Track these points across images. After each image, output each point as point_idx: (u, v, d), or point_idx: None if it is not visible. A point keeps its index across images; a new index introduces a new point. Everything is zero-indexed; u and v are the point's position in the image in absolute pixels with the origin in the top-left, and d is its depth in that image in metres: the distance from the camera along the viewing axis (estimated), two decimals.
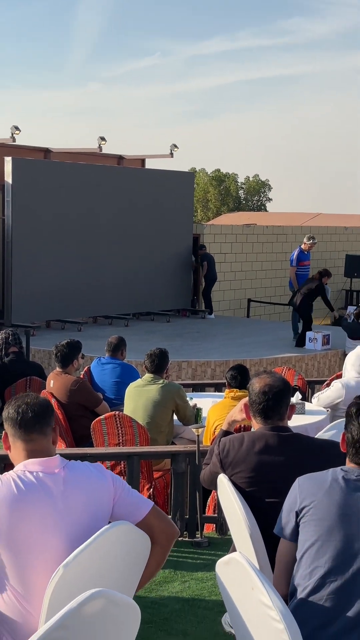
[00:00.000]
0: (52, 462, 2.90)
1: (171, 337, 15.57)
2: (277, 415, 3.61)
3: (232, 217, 39.46)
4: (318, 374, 14.08)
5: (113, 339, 8.03)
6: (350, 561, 2.78)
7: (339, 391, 7.31)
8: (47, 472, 2.86)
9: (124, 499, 2.97)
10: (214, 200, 66.50)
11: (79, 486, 2.88)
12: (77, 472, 2.93)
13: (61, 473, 2.88)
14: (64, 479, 2.87)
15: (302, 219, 32.71)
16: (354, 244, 25.38)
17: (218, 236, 20.68)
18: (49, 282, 16.07)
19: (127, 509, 2.97)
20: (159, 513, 3.04)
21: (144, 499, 3.05)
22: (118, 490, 2.97)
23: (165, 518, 3.05)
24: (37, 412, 2.95)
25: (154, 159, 21.21)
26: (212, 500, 6.22)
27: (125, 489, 3.00)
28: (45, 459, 2.90)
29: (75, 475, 2.91)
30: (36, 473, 2.85)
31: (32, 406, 2.97)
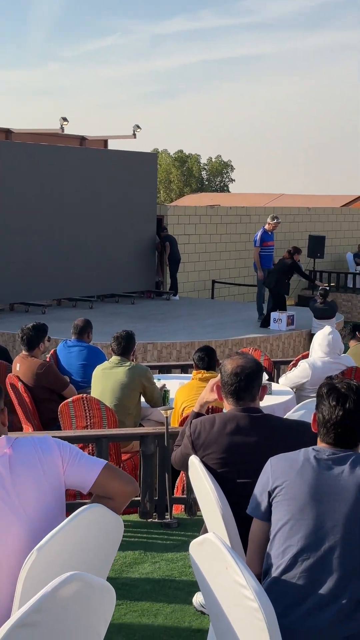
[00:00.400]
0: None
1: (136, 319, 15.56)
2: (249, 396, 3.62)
3: (195, 198, 39.42)
4: (283, 354, 14.18)
5: (79, 322, 8.00)
6: (322, 539, 2.80)
7: (306, 371, 7.38)
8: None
9: (73, 467, 2.92)
10: (177, 181, 66.32)
11: (27, 463, 2.82)
12: (23, 450, 2.85)
13: (7, 453, 2.81)
14: (10, 459, 2.80)
15: (265, 200, 32.81)
16: (316, 224, 25.52)
17: (182, 217, 20.66)
18: (12, 265, 15.95)
19: (78, 477, 2.92)
20: (113, 473, 2.96)
21: (94, 462, 2.97)
22: (66, 458, 2.91)
23: (121, 477, 2.97)
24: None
25: (116, 139, 21.12)
26: (181, 482, 6.24)
27: (73, 456, 2.94)
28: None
29: (21, 453, 2.84)
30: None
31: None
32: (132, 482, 3.00)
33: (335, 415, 2.90)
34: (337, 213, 27.13)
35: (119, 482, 2.94)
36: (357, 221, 27.79)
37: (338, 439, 2.92)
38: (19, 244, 16.07)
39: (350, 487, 2.83)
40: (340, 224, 26.90)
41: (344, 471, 2.86)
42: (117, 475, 2.96)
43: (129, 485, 2.97)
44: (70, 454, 2.93)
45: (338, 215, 27.01)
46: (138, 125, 19.86)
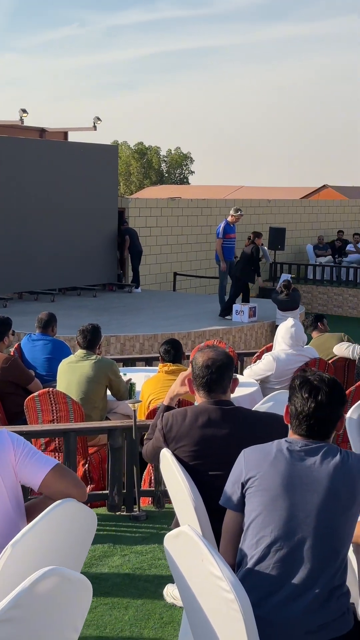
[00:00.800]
0: None
1: (98, 311, 15.52)
2: (220, 388, 3.65)
3: (155, 191, 39.38)
4: (245, 346, 14.25)
5: (43, 315, 7.96)
6: (295, 530, 2.84)
7: (270, 364, 7.43)
8: None
9: (24, 463, 2.92)
10: (137, 173, 66.17)
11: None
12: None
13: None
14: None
15: (225, 192, 32.88)
16: (277, 216, 25.65)
17: (143, 210, 20.64)
18: None
19: (28, 474, 2.92)
20: (61, 475, 2.94)
21: (45, 461, 2.95)
22: (18, 452, 2.92)
23: (69, 480, 2.95)
24: None
25: (77, 131, 20.99)
26: (148, 474, 6.26)
27: (26, 452, 2.93)
28: None
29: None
30: None
31: None
32: (79, 487, 2.98)
33: (307, 407, 2.93)
34: (297, 205, 27.29)
35: (65, 485, 2.94)
36: (317, 213, 27.99)
37: (310, 431, 2.95)
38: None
39: (323, 478, 2.87)
40: (300, 215, 27.07)
41: (316, 462, 2.90)
42: (65, 478, 2.95)
43: (74, 488, 2.96)
44: (23, 450, 2.93)
45: (298, 207, 27.17)
46: (98, 117, 19.77)
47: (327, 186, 35.09)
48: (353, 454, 2.96)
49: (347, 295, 22.53)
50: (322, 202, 29.00)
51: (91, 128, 19.93)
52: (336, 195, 33.09)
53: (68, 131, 21.44)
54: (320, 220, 28.08)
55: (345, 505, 2.86)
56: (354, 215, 29.73)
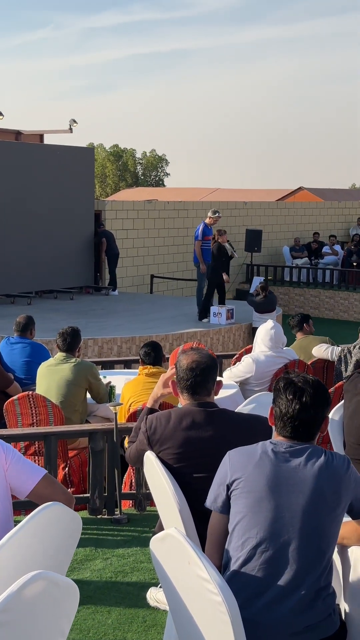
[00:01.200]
0: None
1: (75, 314, 15.47)
2: (204, 391, 3.65)
3: (131, 193, 39.37)
4: (223, 348, 14.27)
5: (21, 319, 7.92)
6: (281, 531, 2.84)
7: (250, 366, 7.44)
8: None
9: (14, 470, 2.93)
10: (112, 175, 66.14)
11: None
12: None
13: None
14: None
15: (201, 194, 32.95)
16: (253, 218, 25.71)
17: (119, 212, 20.61)
18: None
19: (17, 481, 2.94)
20: (51, 485, 2.99)
21: (34, 470, 3.00)
22: (8, 458, 2.93)
23: (57, 490, 3.01)
24: None
25: (53, 134, 20.94)
26: (129, 477, 6.25)
27: (15, 459, 2.95)
28: None
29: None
30: None
31: None
32: (67, 496, 3.03)
33: (292, 409, 2.94)
34: (273, 207, 27.38)
35: (54, 495, 2.97)
36: (293, 215, 28.10)
37: (295, 432, 2.96)
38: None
39: (308, 479, 2.88)
40: (277, 217, 27.16)
41: (301, 463, 2.91)
42: (54, 489, 3.00)
43: (63, 496, 2.99)
44: (13, 456, 2.95)
45: (274, 209, 27.26)
46: (74, 119, 19.72)
47: (303, 188, 35.28)
48: (337, 455, 2.97)
49: (323, 297, 22.64)
50: (298, 204, 29.12)
51: (67, 130, 19.88)
52: (312, 197, 33.27)
53: (44, 134, 21.38)
54: (297, 222, 28.19)
55: (331, 506, 2.87)
56: (330, 217, 29.89)
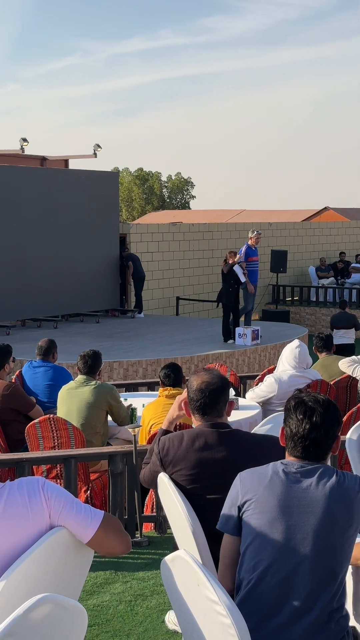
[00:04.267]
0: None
1: (101, 337, 15.52)
2: (214, 411, 3.63)
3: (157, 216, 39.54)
4: (249, 369, 14.23)
5: (43, 342, 7.96)
6: (292, 553, 2.82)
7: (272, 386, 7.41)
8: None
9: (66, 518, 2.77)
10: (138, 199, 66.51)
11: (6, 517, 2.69)
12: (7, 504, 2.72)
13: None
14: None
15: (226, 216, 33.02)
16: (278, 239, 25.70)
17: (145, 235, 20.70)
18: None
19: (73, 529, 2.78)
20: (106, 534, 2.80)
21: (90, 519, 2.80)
22: (52, 505, 2.76)
23: (114, 538, 2.83)
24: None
25: (77, 159, 21.12)
26: (150, 499, 6.23)
27: (63, 505, 2.77)
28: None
29: (3, 508, 2.71)
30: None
31: None
32: (124, 544, 2.87)
33: (302, 428, 2.92)
34: (299, 227, 27.36)
35: (111, 543, 2.83)
36: (319, 235, 28.05)
37: (306, 453, 2.94)
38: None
39: (319, 499, 2.85)
40: (302, 238, 27.13)
41: (312, 484, 2.88)
42: (111, 536, 2.83)
43: (120, 546, 2.86)
44: (59, 503, 2.78)
45: (299, 229, 27.24)
46: (98, 144, 19.89)
47: (329, 208, 35.23)
48: (349, 475, 2.94)
49: None
50: (323, 224, 29.07)
51: (92, 155, 20.06)
52: (338, 217, 33.21)
53: (69, 159, 21.58)
54: (322, 242, 28.14)
55: (343, 526, 2.84)
56: (356, 237, 29.79)
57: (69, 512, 2.78)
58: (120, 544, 2.86)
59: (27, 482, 2.81)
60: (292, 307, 23.50)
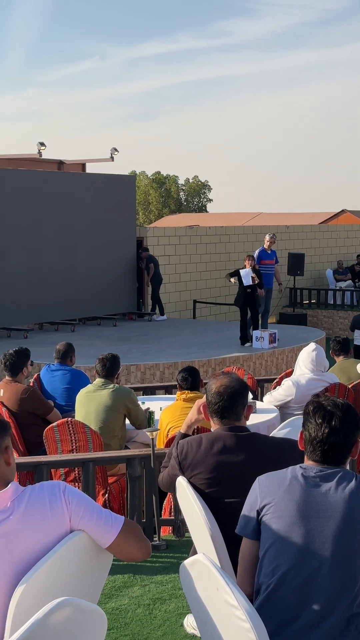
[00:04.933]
0: (0, 497, 2.70)
1: (118, 341, 15.54)
2: (233, 415, 3.63)
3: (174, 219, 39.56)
4: (266, 372, 14.20)
5: (61, 346, 7.99)
6: (312, 557, 2.81)
7: (290, 389, 7.39)
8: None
9: (87, 523, 2.78)
10: (155, 202, 66.59)
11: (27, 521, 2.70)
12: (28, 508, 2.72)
13: (9, 509, 2.69)
14: (10, 516, 2.68)
15: (243, 219, 32.97)
16: (295, 242, 25.65)
17: (161, 238, 20.72)
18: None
19: (93, 534, 2.79)
20: (126, 539, 2.81)
21: (111, 524, 2.81)
22: (73, 509, 2.77)
23: (134, 544, 2.84)
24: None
25: (94, 163, 21.18)
26: (168, 503, 6.23)
27: (84, 510, 2.78)
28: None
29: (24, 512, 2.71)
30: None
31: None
32: (144, 550, 2.88)
33: (321, 432, 2.91)
34: (316, 230, 27.30)
35: (131, 549, 2.84)
36: (336, 238, 27.98)
37: (325, 457, 2.93)
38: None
39: (338, 503, 2.84)
40: (319, 241, 27.06)
41: (332, 488, 2.87)
42: (131, 542, 2.84)
43: (140, 552, 2.87)
44: (79, 508, 2.78)
45: (317, 232, 27.17)
46: (115, 148, 19.94)
47: (346, 211, 35.09)
48: None
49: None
50: (340, 227, 28.99)
51: (109, 159, 20.10)
52: (355, 220, 33.07)
53: (86, 163, 21.64)
54: (340, 245, 28.06)
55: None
56: None
57: (89, 517, 2.79)
58: (140, 549, 2.86)
59: (48, 487, 2.81)
60: (309, 310, 23.46)
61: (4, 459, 2.78)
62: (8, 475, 2.78)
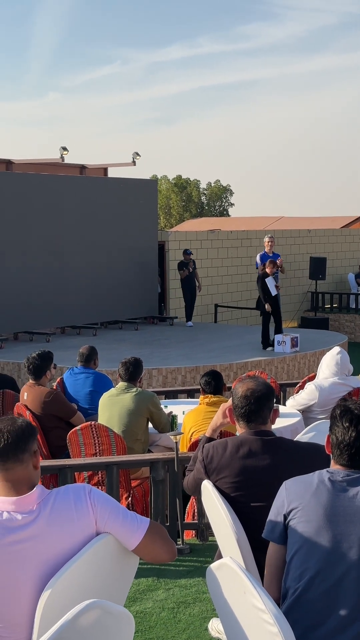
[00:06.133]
0: (26, 500, 2.71)
1: (140, 344, 15.57)
2: (259, 419, 3.63)
3: (195, 223, 39.57)
4: (288, 376, 14.16)
5: (84, 349, 8.01)
6: (339, 561, 2.80)
7: (313, 393, 7.36)
8: (19, 511, 2.69)
9: (113, 524, 2.78)
10: (177, 206, 66.62)
11: (53, 524, 2.70)
12: (56, 504, 2.74)
13: (35, 512, 2.69)
14: (37, 519, 2.69)
15: (264, 223, 32.90)
16: (317, 246, 25.59)
17: (183, 243, 20.74)
18: (14, 294, 16.00)
19: (120, 536, 2.80)
20: (152, 542, 2.82)
21: (137, 526, 2.82)
22: (98, 512, 2.77)
23: (160, 546, 2.84)
24: (12, 439, 2.74)
25: (116, 167, 21.23)
26: (191, 507, 6.22)
27: (109, 512, 2.79)
28: (18, 498, 2.71)
29: (55, 507, 2.73)
30: (6, 513, 2.67)
31: (7, 433, 2.75)
32: (170, 552, 2.88)
33: (348, 436, 2.90)
34: (338, 234, 27.22)
35: (158, 550, 2.85)
36: (358, 242, 27.87)
37: (352, 461, 2.92)
38: (22, 273, 16.15)
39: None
40: (341, 245, 26.98)
41: (359, 493, 2.86)
42: (157, 544, 2.84)
43: (166, 554, 2.88)
44: (105, 510, 2.79)
45: (338, 236, 27.09)
46: (137, 152, 19.97)
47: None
48: None
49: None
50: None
51: (130, 163, 20.14)
52: None
53: (108, 167, 21.70)
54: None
55: None
56: None
57: (115, 519, 2.80)
58: (166, 551, 2.87)
59: (73, 489, 2.82)
60: (331, 315, 23.38)
61: (33, 462, 2.79)
62: (34, 479, 2.80)
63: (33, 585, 2.64)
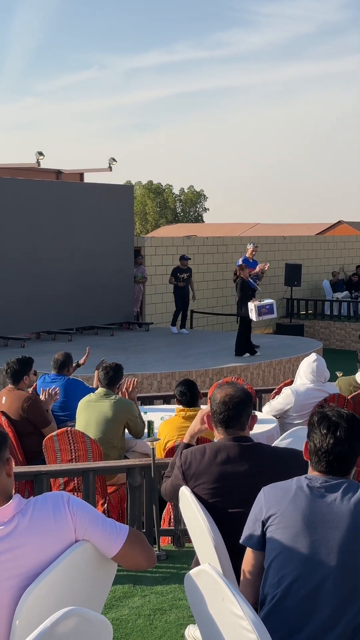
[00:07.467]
0: (4, 511, 2.66)
1: (116, 350, 15.53)
2: (237, 425, 3.63)
3: (171, 229, 39.63)
4: (263, 382, 14.20)
5: (59, 356, 7.98)
6: (317, 567, 2.80)
7: (289, 398, 7.40)
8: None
9: (93, 532, 2.76)
10: (152, 212, 66.64)
11: (32, 534, 2.66)
12: (32, 521, 2.69)
13: (12, 522, 2.65)
14: (15, 530, 2.65)
15: (240, 229, 33.03)
16: (292, 253, 25.69)
17: (159, 248, 20.74)
18: None
19: (99, 544, 2.78)
20: (132, 550, 2.80)
21: (116, 534, 2.80)
22: (77, 520, 2.75)
23: (140, 553, 2.83)
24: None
25: (92, 172, 21.20)
26: (167, 513, 6.21)
27: (89, 520, 2.76)
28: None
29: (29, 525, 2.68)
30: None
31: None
32: (150, 559, 2.87)
33: (326, 443, 2.92)
34: (313, 241, 27.35)
35: (137, 558, 2.83)
36: (333, 249, 28.03)
37: (330, 467, 2.93)
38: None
39: (344, 514, 2.84)
40: (316, 252, 27.11)
41: (337, 499, 2.87)
42: (137, 551, 2.83)
43: (146, 561, 2.86)
44: (84, 518, 2.76)
45: (313, 243, 27.23)
46: (114, 158, 19.97)
47: (342, 222, 35.20)
48: None
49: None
50: (337, 238, 29.05)
51: (107, 169, 20.13)
52: (351, 231, 33.18)
53: (84, 172, 21.67)
54: (337, 256, 28.11)
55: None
56: None
57: (94, 527, 2.77)
58: (146, 558, 2.86)
59: (51, 498, 2.79)
60: (306, 321, 23.48)
61: (6, 470, 2.75)
62: (9, 488, 2.75)
63: (11, 597, 2.61)
